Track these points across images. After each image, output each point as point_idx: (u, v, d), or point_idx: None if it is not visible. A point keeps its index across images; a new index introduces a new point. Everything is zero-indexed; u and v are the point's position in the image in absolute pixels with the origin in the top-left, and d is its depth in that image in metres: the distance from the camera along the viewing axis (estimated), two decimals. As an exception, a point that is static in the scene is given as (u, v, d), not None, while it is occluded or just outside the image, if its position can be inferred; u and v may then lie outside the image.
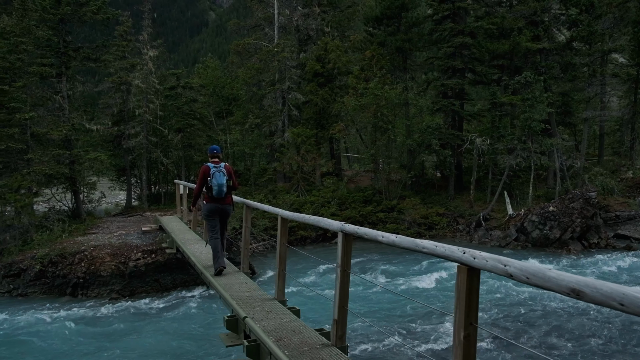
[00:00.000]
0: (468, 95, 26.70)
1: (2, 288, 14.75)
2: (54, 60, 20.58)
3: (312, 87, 25.56)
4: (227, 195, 7.83)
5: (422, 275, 15.36)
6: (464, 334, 2.97)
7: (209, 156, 7.88)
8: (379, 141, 23.78)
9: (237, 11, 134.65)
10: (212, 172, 7.63)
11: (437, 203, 23.65)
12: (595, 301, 2.17)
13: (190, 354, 9.91)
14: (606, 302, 2.11)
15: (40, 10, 20.22)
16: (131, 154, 24.01)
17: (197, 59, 73.23)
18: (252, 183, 26.12)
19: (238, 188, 8.29)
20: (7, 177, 16.90)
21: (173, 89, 25.89)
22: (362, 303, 12.67)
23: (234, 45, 29.37)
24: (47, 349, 10.32)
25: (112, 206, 27.78)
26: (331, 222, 5.01)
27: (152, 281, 14.56)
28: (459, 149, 24.36)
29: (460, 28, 24.47)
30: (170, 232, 13.13)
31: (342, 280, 4.66)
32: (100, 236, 16.38)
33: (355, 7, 30.12)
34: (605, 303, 2.12)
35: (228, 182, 7.75)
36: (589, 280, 2.21)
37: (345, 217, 21.11)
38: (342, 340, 4.79)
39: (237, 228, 16.99)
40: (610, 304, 2.09)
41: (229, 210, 8.02)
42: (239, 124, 28.02)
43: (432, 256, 3.52)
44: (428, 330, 10.78)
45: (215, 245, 7.93)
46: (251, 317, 5.83)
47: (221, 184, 7.64)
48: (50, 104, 20.03)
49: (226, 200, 7.89)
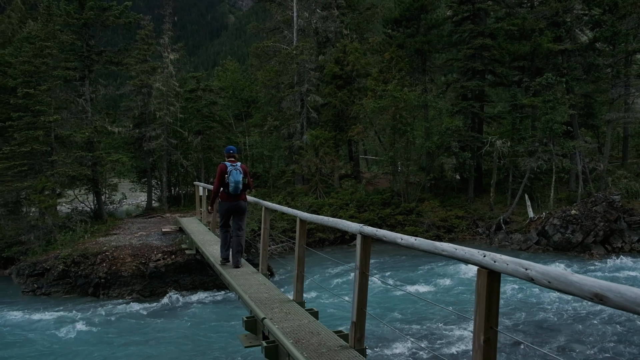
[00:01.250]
0: (488, 97, 26.42)
1: (27, 287, 15.05)
2: (78, 63, 20.96)
3: (331, 89, 25.58)
4: (242, 192, 8.32)
5: (441, 278, 15.25)
6: (484, 337, 2.95)
7: (226, 156, 8.39)
8: (398, 143, 23.68)
9: (257, 14, 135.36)
10: (229, 170, 8.12)
11: (456, 206, 23.44)
12: (619, 306, 2.14)
13: (209, 354, 9.99)
14: (630, 307, 2.08)
15: (64, 15, 20.62)
16: (152, 156, 24.31)
17: (217, 62, 73.90)
18: (271, 185, 26.22)
19: (252, 187, 8.74)
20: (32, 178, 17.26)
21: (193, 92, 26.17)
22: (380, 305, 12.62)
23: (253, 48, 29.57)
24: (69, 348, 10.50)
25: (133, 207, 28.19)
26: (350, 224, 5.02)
27: (172, 282, 14.71)
28: (478, 152, 24.12)
29: (480, 29, 24.25)
30: (189, 233, 13.26)
31: (360, 283, 4.66)
32: (121, 237, 16.60)
33: (374, 9, 30.09)
34: (629, 308, 2.09)
35: (244, 179, 8.21)
36: (613, 285, 2.18)
37: (364, 220, 21.05)
38: (361, 343, 4.79)
39: (255, 230, 17.07)
40: (634, 309, 2.06)
41: (244, 206, 8.52)
42: (257, 126, 28.17)
43: (451, 259, 3.51)
44: (447, 334, 10.69)
45: (224, 238, 8.70)
46: (270, 318, 5.86)
47: (237, 180, 8.11)
48: (74, 107, 20.39)
49: (241, 197, 8.39)
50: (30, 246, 16.79)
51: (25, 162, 17.31)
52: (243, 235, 8.74)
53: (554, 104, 21.22)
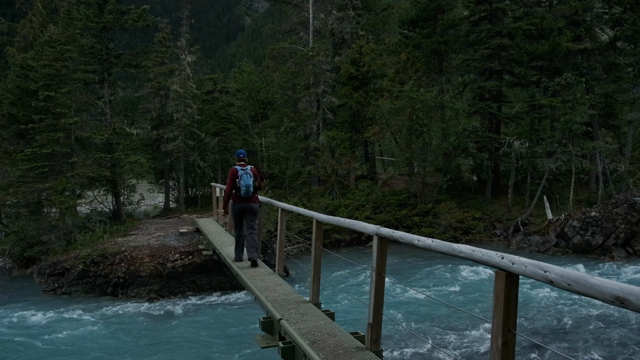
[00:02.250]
0: (506, 98, 26.15)
1: (48, 286, 15.32)
2: (97, 66, 21.27)
3: (347, 90, 25.56)
4: (253, 194, 8.62)
5: (458, 280, 15.14)
6: (502, 340, 2.93)
7: (236, 160, 8.67)
8: (414, 144, 23.58)
9: (273, 16, 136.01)
10: (239, 174, 8.41)
11: (473, 207, 23.25)
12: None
13: (226, 354, 10.05)
14: (652, 310, 2.05)
15: (84, 19, 20.94)
16: (169, 157, 24.56)
17: (233, 64, 74.35)
18: (287, 186, 26.29)
19: (263, 188, 9.10)
20: (52, 179, 17.53)
21: (210, 94, 26.37)
22: (397, 307, 12.57)
23: (269, 49, 29.67)
24: (87, 347, 10.65)
25: (150, 208, 28.50)
26: (366, 225, 5.02)
27: (189, 282, 14.83)
28: (496, 152, 23.89)
29: (498, 29, 24.03)
30: (206, 234, 13.37)
31: (377, 284, 4.65)
32: (139, 237, 16.79)
33: (390, 9, 30.01)
34: (651, 312, 2.05)
35: (254, 182, 8.51)
36: (634, 288, 2.15)
37: (380, 221, 21.00)
38: (377, 344, 4.78)
39: (272, 231, 17.12)
40: (656, 312, 2.03)
41: (256, 207, 8.79)
42: (274, 127, 28.27)
43: (468, 261, 3.48)
44: (464, 336, 10.61)
45: (239, 238, 9.07)
46: (286, 319, 5.88)
47: (248, 184, 8.41)
48: (93, 109, 20.68)
49: (253, 199, 8.68)
50: (50, 246, 17.07)
51: (46, 163, 17.58)
52: (257, 233, 9.02)
53: (574, 104, 20.93)
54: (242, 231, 8.95)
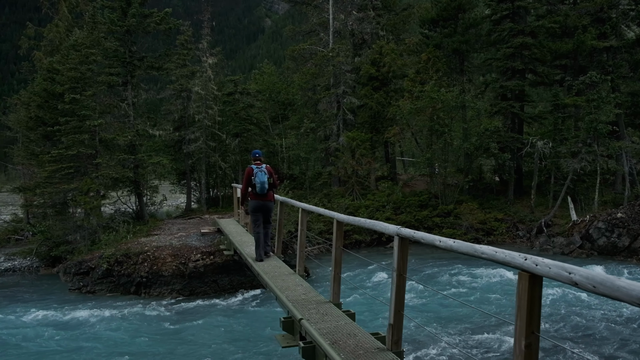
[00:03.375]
0: (528, 97, 25.79)
1: (73, 285, 15.63)
2: (121, 69, 21.60)
3: (367, 91, 25.52)
4: (268, 192, 8.99)
5: (480, 281, 14.98)
6: (525, 343, 2.90)
7: (252, 159, 9.05)
8: (435, 145, 23.41)
9: (293, 17, 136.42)
10: (255, 172, 8.82)
11: (495, 208, 22.98)
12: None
13: (247, 353, 10.12)
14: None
15: (108, 23, 21.30)
16: (191, 158, 24.82)
17: (254, 65, 74.79)
18: (307, 187, 26.34)
19: (278, 186, 9.51)
20: (77, 180, 17.87)
21: (231, 95, 26.58)
22: (418, 308, 12.50)
23: (289, 50, 29.78)
24: (111, 344, 10.84)
25: (172, 209, 28.83)
26: (387, 225, 5.00)
27: (210, 282, 14.97)
28: (518, 153, 23.58)
29: (520, 28, 23.71)
30: (228, 234, 13.47)
31: (398, 285, 4.63)
32: (162, 237, 17.00)
33: (411, 9, 29.84)
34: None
35: (269, 180, 8.88)
36: (662, 290, 2.11)
37: (401, 222, 20.90)
38: (398, 345, 4.76)
39: (292, 231, 17.18)
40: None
41: (271, 205, 9.22)
42: (294, 128, 28.37)
43: (491, 262, 3.45)
44: (486, 338, 10.49)
45: (258, 237, 9.25)
46: (307, 319, 5.90)
47: (263, 181, 8.79)
48: (117, 111, 21.02)
49: (268, 197, 9.06)
50: (76, 245, 17.41)
51: (72, 164, 17.93)
52: (269, 227, 9.46)
53: (599, 103, 20.54)
54: (261, 230, 9.23)
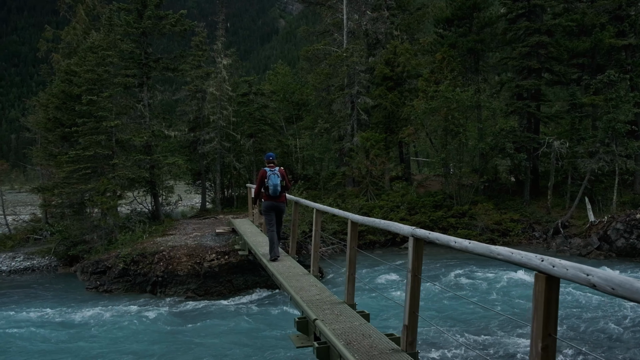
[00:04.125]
0: (545, 97, 25.50)
1: (90, 284, 15.83)
2: (137, 71, 21.83)
3: (381, 91, 25.45)
4: (281, 194, 9.26)
5: (496, 283, 14.85)
6: (542, 345, 2.87)
7: (266, 162, 9.31)
8: (450, 145, 23.26)
9: (307, 18, 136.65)
10: (268, 175, 9.09)
11: (511, 209, 22.76)
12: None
13: (261, 353, 10.16)
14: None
15: (124, 25, 21.55)
16: (206, 158, 24.99)
17: (268, 66, 75.08)
18: (322, 187, 26.35)
19: (290, 188, 9.83)
20: (94, 181, 18.10)
21: (245, 96, 26.71)
22: (433, 309, 12.44)
23: (303, 51, 29.84)
24: (127, 343, 10.95)
25: (187, 209, 29.06)
26: (402, 226, 4.99)
27: (225, 282, 15.05)
28: (534, 153, 23.33)
29: (536, 26, 23.45)
30: (242, 234, 13.53)
31: (412, 286, 4.62)
32: (177, 237, 17.14)
33: (425, 9, 29.70)
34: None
35: (282, 182, 9.15)
36: (682, 292, 2.08)
37: (415, 222, 20.81)
38: (413, 347, 4.75)
39: (306, 232, 17.20)
40: None
41: (283, 207, 9.48)
42: (308, 128, 28.40)
43: (506, 263, 3.43)
44: (502, 340, 10.40)
45: (272, 237, 9.45)
46: (321, 319, 5.90)
47: (276, 184, 9.06)
48: (133, 112, 21.24)
49: (280, 198, 9.32)
50: (93, 245, 17.64)
51: (89, 165, 18.15)
52: (280, 228, 9.73)
53: (617, 102, 20.24)
54: (274, 229, 9.41)
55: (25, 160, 38.26)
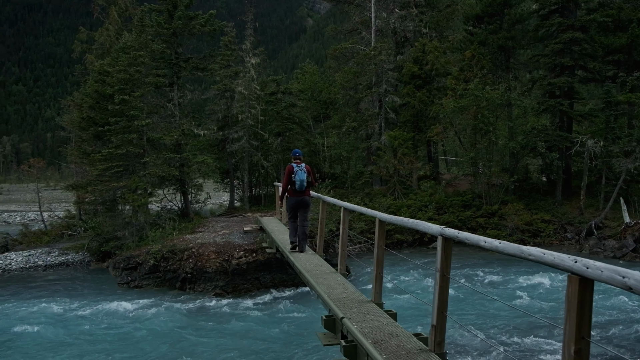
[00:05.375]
0: (578, 94, 24.87)
1: (122, 279, 16.20)
2: (167, 71, 22.18)
3: (409, 89, 25.25)
4: (306, 189, 9.70)
5: (526, 284, 14.59)
6: (575, 348, 2.81)
7: (292, 158, 9.76)
8: (479, 144, 22.93)
9: (334, 16, 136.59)
10: (295, 170, 9.52)
11: (542, 209, 22.30)
12: None
13: (288, 350, 10.22)
14: None
15: (155, 26, 21.92)
16: (234, 157, 25.23)
17: (296, 65, 75.31)
18: (349, 186, 26.32)
19: (315, 184, 10.28)
20: (126, 178, 18.49)
21: (273, 95, 26.86)
22: (461, 310, 12.30)
23: (331, 50, 29.83)
24: (156, 337, 11.16)
25: (216, 207, 29.41)
26: (430, 225, 4.96)
27: (252, 279, 15.20)
28: (567, 152, 22.79)
29: (570, 22, 22.89)
30: (270, 232, 13.64)
31: (441, 285, 4.59)
32: (206, 235, 17.37)
33: (455, 6, 29.31)
34: None
35: (308, 178, 9.58)
36: None
37: (443, 222, 20.60)
38: (441, 347, 4.71)
39: (333, 230, 17.22)
40: None
41: (308, 201, 9.89)
42: (336, 127, 28.39)
43: (538, 264, 3.37)
44: (533, 342, 10.21)
45: (293, 227, 10.09)
46: (348, 318, 5.91)
47: (302, 179, 9.51)
48: (163, 112, 21.60)
49: (305, 193, 9.75)
50: (124, 241, 18.01)
51: (121, 163, 18.54)
52: (307, 225, 10.12)
53: (655, 100, 19.61)
54: (296, 221, 9.96)
55: (60, 159, 39.35)
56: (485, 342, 9.96)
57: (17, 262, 19.42)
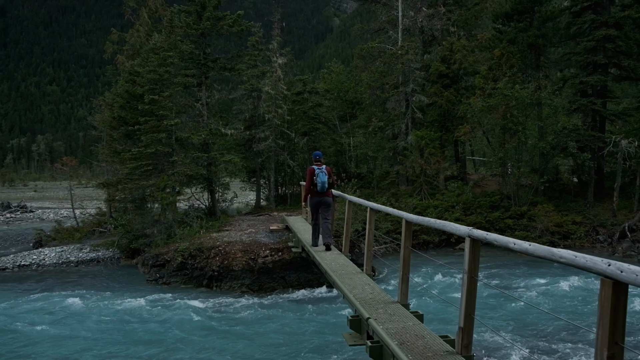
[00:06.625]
0: (612, 93, 24.22)
1: (150, 276, 16.49)
2: (195, 71, 22.48)
3: (437, 88, 25.01)
4: (327, 190, 10.17)
5: (556, 287, 14.29)
6: (608, 354, 2.75)
7: (314, 160, 10.29)
8: (508, 144, 22.55)
9: (361, 16, 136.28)
10: (316, 172, 10.01)
11: (573, 211, 21.80)
12: None
13: (313, 349, 10.24)
14: None
15: (184, 27, 22.24)
16: (261, 156, 25.41)
17: (322, 65, 75.41)
18: (375, 186, 26.22)
19: (336, 184, 10.86)
20: (155, 177, 18.82)
21: (300, 94, 26.94)
22: (489, 312, 12.12)
23: (357, 49, 29.75)
24: (182, 334, 11.33)
25: (242, 205, 29.66)
26: (458, 226, 4.91)
27: (278, 278, 15.28)
28: (599, 152, 22.23)
29: (604, 19, 22.30)
30: (296, 232, 13.69)
31: (469, 287, 4.53)
32: (232, 233, 17.53)
33: (483, 4, 28.85)
34: None
35: (328, 179, 10.05)
36: None
37: (470, 223, 20.33)
38: (468, 350, 4.66)
39: (359, 230, 17.19)
40: None
41: (330, 201, 10.35)
42: (362, 127, 28.31)
43: (567, 267, 3.30)
44: (563, 347, 10.00)
45: (315, 227, 10.61)
46: (374, 318, 5.90)
47: (323, 181, 10.00)
48: (192, 111, 21.90)
49: (327, 194, 10.23)
50: (153, 239, 18.34)
51: (150, 162, 18.87)
52: (330, 222, 10.54)
53: (693, 98, 18.96)
54: (318, 221, 10.44)
55: (92, 157, 40.25)
56: (514, 346, 9.80)
57: (51, 257, 19.97)
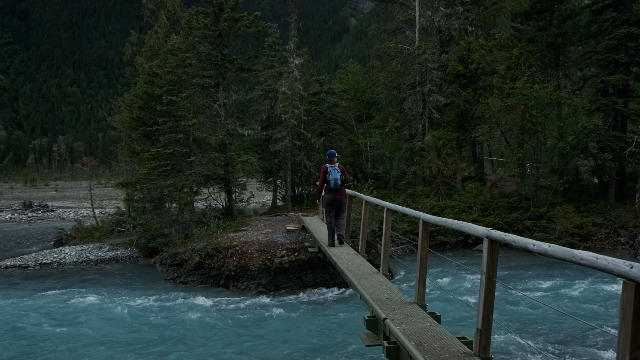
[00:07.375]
0: (634, 92, 23.77)
1: (168, 275, 16.66)
2: (213, 72, 22.64)
3: (454, 88, 24.83)
4: (340, 187, 10.40)
5: (574, 288, 14.08)
6: (631, 357, 2.71)
7: (327, 159, 10.54)
8: (527, 144, 22.28)
9: (378, 16, 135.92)
10: (329, 170, 10.28)
11: (593, 212, 21.45)
12: None
13: (329, 349, 10.25)
14: None
15: (202, 28, 22.42)
16: (277, 157, 25.49)
17: (339, 65, 75.37)
18: (392, 186, 26.12)
19: (350, 182, 11.11)
20: (173, 177, 19.00)
21: (316, 95, 26.97)
22: (507, 314, 12.00)
23: (374, 49, 29.68)
24: (198, 333, 11.42)
25: (259, 206, 29.78)
26: (476, 227, 4.87)
27: (295, 278, 15.31)
28: (621, 153, 21.84)
29: (625, 17, 21.91)
30: (312, 232, 13.71)
31: (487, 289, 4.50)
32: (249, 233, 17.62)
33: (502, 3, 28.57)
34: None
35: (341, 177, 10.28)
36: None
37: (488, 224, 20.13)
38: (486, 352, 4.62)
39: (376, 231, 17.14)
40: None
41: (343, 199, 10.54)
42: (379, 127, 28.22)
43: (587, 269, 3.25)
44: (583, 350, 9.85)
45: (330, 226, 10.77)
46: (391, 319, 5.88)
47: (336, 178, 10.24)
48: (209, 112, 22.06)
49: (340, 192, 10.45)
50: (171, 238, 18.53)
51: (168, 162, 19.06)
52: (344, 218, 10.77)
53: None
54: (333, 220, 10.61)
55: (111, 157, 40.82)
56: (533, 349, 9.68)
57: (71, 256, 20.29)
